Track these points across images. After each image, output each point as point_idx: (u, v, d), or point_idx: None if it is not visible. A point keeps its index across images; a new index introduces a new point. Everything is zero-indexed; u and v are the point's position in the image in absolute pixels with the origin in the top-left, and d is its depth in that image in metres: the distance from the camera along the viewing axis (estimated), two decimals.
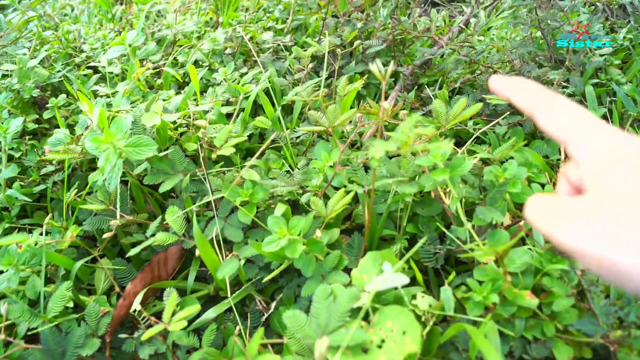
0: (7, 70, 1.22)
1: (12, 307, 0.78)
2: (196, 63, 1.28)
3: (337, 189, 0.88)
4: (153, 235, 0.85)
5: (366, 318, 0.69)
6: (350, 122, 1.00)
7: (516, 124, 1.03)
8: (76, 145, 0.93)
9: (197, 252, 0.82)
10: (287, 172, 0.94)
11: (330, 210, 0.80)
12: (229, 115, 1.09)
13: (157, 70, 1.26)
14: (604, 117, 1.09)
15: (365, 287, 0.70)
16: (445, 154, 0.81)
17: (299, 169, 0.90)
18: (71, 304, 0.81)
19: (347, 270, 0.80)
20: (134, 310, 0.77)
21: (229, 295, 0.82)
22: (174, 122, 0.98)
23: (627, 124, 1.04)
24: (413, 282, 0.83)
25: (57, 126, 1.17)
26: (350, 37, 1.18)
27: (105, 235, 0.85)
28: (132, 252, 0.84)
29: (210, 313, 0.82)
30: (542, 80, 1.04)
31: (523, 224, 0.84)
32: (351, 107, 1.05)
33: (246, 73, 1.18)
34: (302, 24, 1.38)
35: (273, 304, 0.85)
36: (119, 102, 0.99)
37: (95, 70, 1.35)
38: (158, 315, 0.82)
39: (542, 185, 0.89)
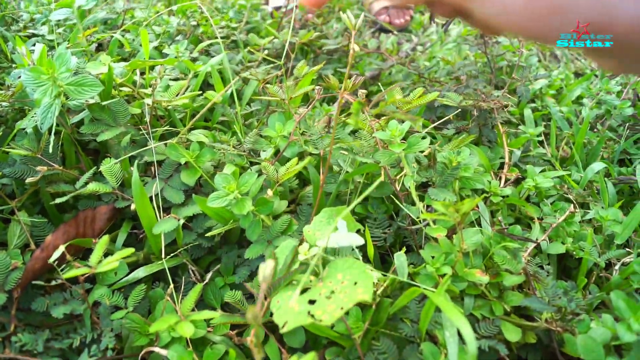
0: None
1: None
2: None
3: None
4: (83, 187, 0.77)
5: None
6: (306, 106, 0.98)
7: (463, 129, 1.05)
8: (6, 91, 0.85)
9: (133, 207, 0.75)
10: (237, 143, 0.90)
11: (282, 174, 0.76)
12: None
13: (99, 42, 1.19)
14: (539, 135, 1.14)
15: (317, 242, 0.66)
16: (403, 130, 0.80)
17: (249, 137, 0.86)
18: None
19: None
20: (55, 261, 0.68)
21: (163, 256, 0.74)
22: (118, 85, 0.92)
23: (562, 142, 1.10)
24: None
25: None
26: (306, 37, 1.18)
27: (29, 180, 0.76)
28: (58, 200, 0.76)
29: (140, 272, 0.74)
30: (488, 94, 1.08)
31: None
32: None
33: (197, 58, 1.14)
34: (255, 28, 1.38)
35: (208, 275, 0.78)
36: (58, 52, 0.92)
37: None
38: (78, 281, 0.73)
39: (489, 182, 0.90)
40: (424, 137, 0.80)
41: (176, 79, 1.06)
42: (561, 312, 0.74)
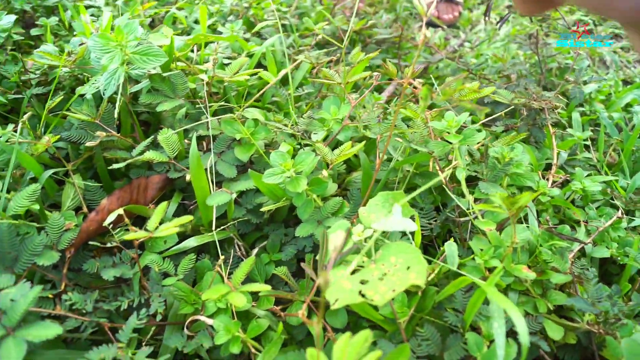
0: None
1: None
2: (197, 22, 1.24)
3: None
4: (140, 155, 0.79)
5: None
6: (358, 92, 0.98)
7: (511, 127, 1.05)
8: (69, 57, 0.87)
9: (188, 177, 0.76)
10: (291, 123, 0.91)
11: (337, 156, 0.77)
12: None
13: (152, 18, 1.21)
14: (586, 139, 1.12)
15: (372, 225, 0.66)
16: (459, 122, 0.80)
17: (303, 118, 0.87)
18: (36, 207, 0.72)
19: None
20: (110, 224, 0.69)
21: (214, 228, 0.76)
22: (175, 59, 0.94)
23: (609, 148, 1.09)
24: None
25: None
26: (360, 25, 1.19)
27: (89, 144, 0.77)
28: (115, 166, 0.77)
29: (191, 242, 0.76)
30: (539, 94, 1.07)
31: None
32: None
33: (248, 39, 1.15)
34: (305, 13, 1.38)
35: (254, 251, 0.80)
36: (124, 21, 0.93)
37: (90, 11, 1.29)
38: (128, 246, 0.74)
39: (537, 181, 0.90)
40: (479, 130, 0.80)
41: (229, 58, 1.07)
42: (602, 316, 0.73)
